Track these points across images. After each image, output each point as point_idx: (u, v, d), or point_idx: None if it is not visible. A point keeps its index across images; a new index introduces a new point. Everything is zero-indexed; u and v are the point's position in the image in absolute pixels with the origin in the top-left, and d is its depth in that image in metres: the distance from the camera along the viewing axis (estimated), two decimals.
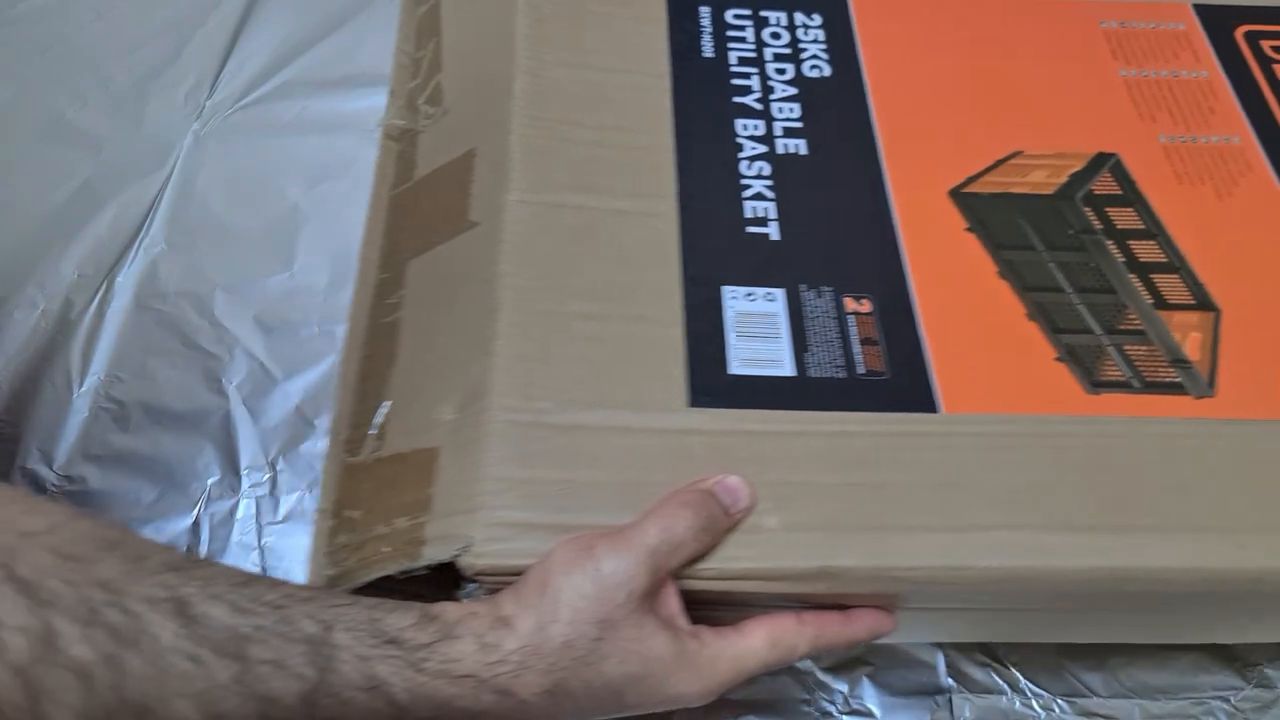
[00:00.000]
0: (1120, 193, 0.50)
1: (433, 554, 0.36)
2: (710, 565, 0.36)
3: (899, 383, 0.42)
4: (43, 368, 0.56)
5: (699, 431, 0.39)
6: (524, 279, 0.43)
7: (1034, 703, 0.46)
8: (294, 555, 0.48)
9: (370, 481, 0.40)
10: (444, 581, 0.39)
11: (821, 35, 0.55)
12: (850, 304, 0.44)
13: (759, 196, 0.48)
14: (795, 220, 0.47)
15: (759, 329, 0.43)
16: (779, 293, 0.44)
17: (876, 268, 0.46)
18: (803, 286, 0.45)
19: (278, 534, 0.49)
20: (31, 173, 0.64)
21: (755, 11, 0.56)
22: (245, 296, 0.59)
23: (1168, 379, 0.43)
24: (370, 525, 0.39)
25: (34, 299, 0.59)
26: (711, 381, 0.41)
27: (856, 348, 0.43)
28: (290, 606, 0.31)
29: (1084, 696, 0.47)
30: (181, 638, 0.28)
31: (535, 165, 0.47)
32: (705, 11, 0.55)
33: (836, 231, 0.47)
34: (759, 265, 0.45)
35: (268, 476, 0.51)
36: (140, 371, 0.55)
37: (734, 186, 0.48)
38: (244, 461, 0.51)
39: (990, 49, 0.55)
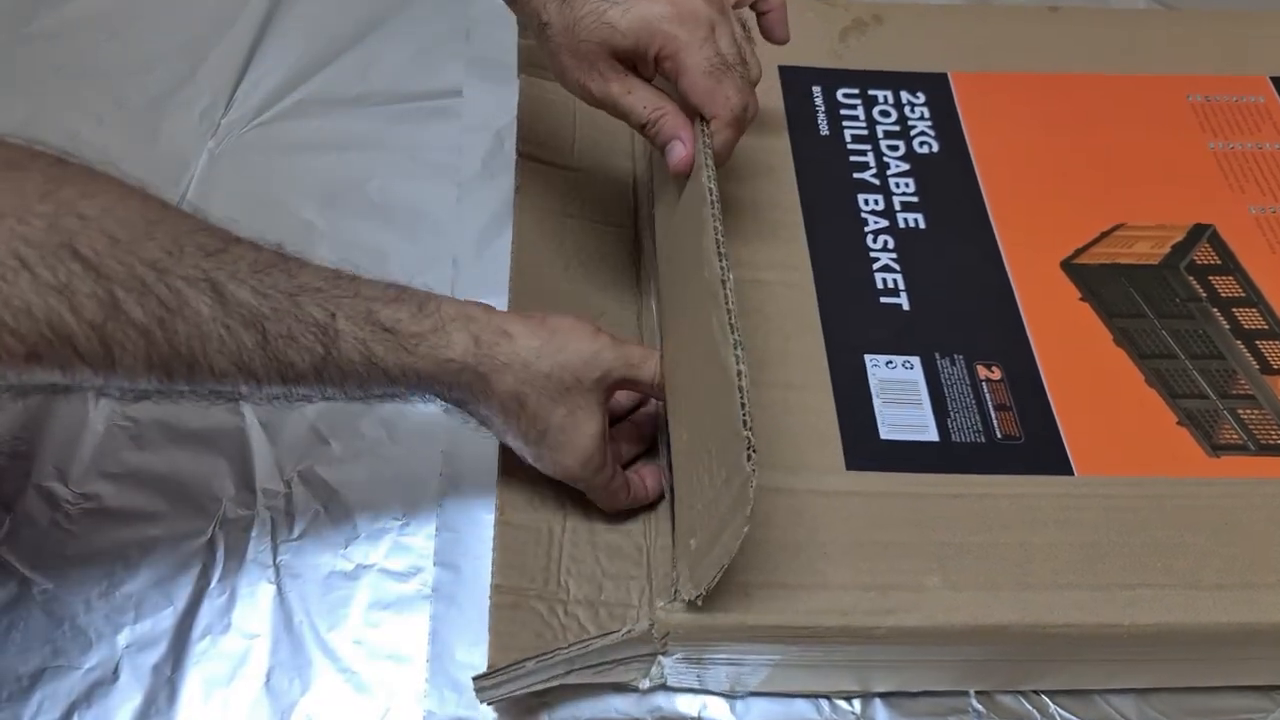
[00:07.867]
0: (1220, 262, 0.53)
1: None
2: (885, 624, 0.39)
3: (1034, 447, 0.45)
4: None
5: (859, 494, 0.43)
6: None
7: None
8: (309, 573, 0.48)
9: None
10: None
11: (927, 112, 0.59)
12: (982, 371, 0.47)
13: (887, 269, 0.51)
14: (923, 291, 0.50)
15: (902, 395, 0.46)
16: (916, 360, 0.47)
17: (1002, 336, 0.49)
18: (937, 354, 0.48)
19: (292, 551, 0.48)
20: None
21: (864, 90, 0.59)
22: None
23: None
24: None
25: None
26: (865, 446, 0.44)
27: (992, 413, 0.46)
28: (301, 295, 0.38)
29: None
30: (216, 311, 0.35)
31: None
32: (818, 91, 0.59)
33: (961, 302, 0.50)
34: (895, 334, 0.48)
35: (283, 495, 0.50)
36: None
37: (863, 258, 0.51)
38: (259, 480, 0.50)
39: (1086, 123, 0.59)
